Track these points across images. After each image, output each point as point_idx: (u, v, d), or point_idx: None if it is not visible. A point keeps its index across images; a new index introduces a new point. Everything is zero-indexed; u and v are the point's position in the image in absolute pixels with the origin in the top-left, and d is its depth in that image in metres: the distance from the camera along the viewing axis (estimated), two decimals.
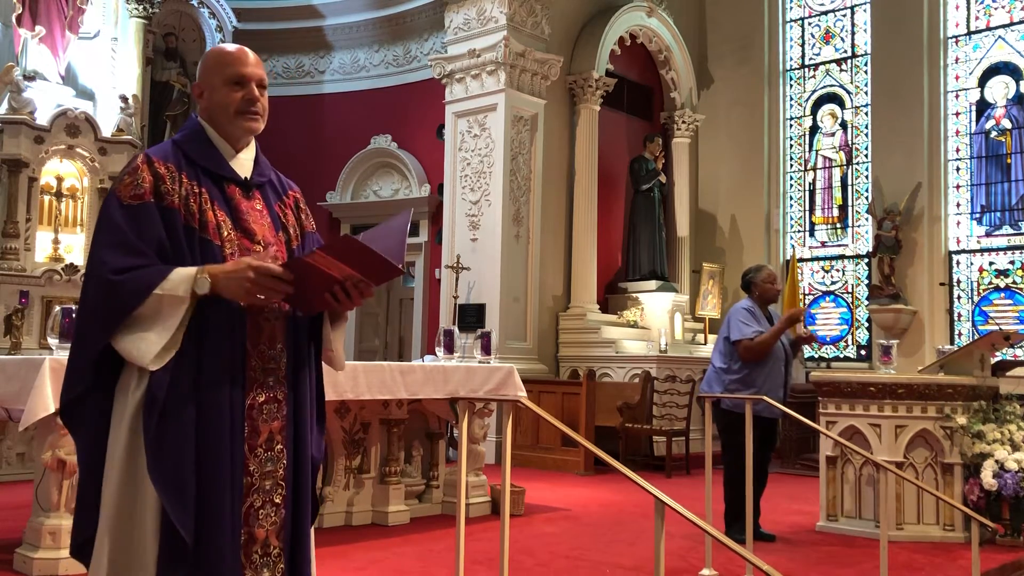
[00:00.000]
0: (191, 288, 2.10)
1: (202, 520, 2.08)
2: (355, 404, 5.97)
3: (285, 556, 2.26)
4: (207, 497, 2.09)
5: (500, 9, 10.54)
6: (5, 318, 8.49)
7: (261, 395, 2.22)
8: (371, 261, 2.12)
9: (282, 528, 2.25)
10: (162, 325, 2.10)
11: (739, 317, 5.89)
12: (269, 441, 2.23)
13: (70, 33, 9.73)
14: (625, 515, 6.72)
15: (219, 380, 2.15)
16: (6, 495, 6.58)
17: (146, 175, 2.20)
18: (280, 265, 2.14)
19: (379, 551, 5.28)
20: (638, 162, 11.75)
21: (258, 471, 2.20)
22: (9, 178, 9.03)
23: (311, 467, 2.34)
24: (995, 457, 5.82)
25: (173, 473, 2.06)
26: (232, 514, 2.14)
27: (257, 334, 2.23)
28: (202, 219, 2.21)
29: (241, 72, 2.29)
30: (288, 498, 2.26)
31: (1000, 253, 11.12)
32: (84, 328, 2.18)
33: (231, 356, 2.17)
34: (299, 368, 2.32)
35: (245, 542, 2.17)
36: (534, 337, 10.70)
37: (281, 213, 2.38)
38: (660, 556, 2.51)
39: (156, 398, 2.08)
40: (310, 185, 11.68)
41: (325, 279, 2.15)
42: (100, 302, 2.12)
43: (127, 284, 2.09)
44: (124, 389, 2.16)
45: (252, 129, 2.33)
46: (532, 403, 3.23)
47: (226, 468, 2.13)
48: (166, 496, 2.05)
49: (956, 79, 11.52)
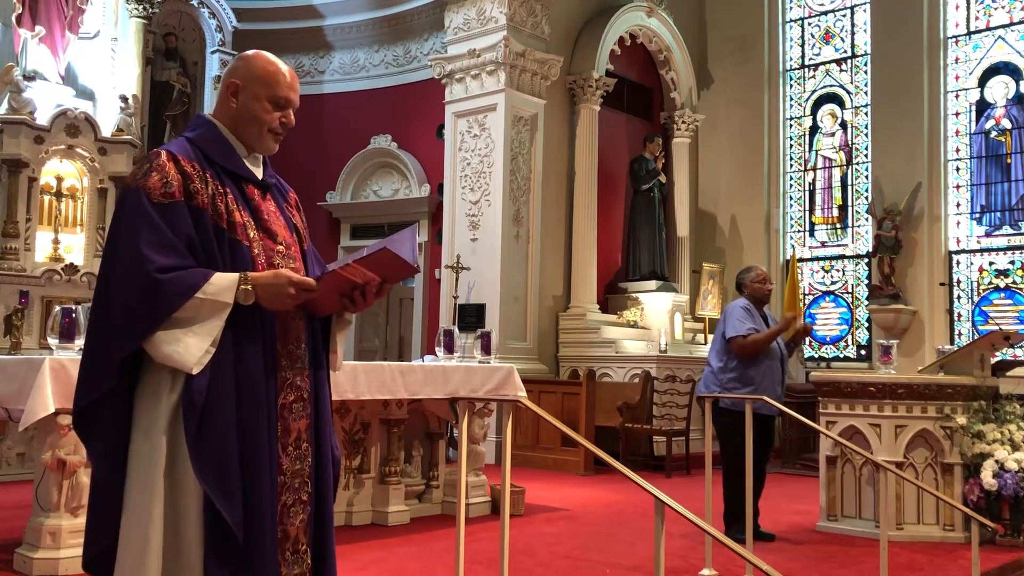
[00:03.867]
0: (235, 296, 2.11)
1: (246, 518, 2.09)
2: (355, 404, 5.97)
3: (311, 553, 2.27)
4: (250, 496, 2.10)
5: (500, 9, 10.54)
6: (5, 318, 8.49)
7: (291, 394, 2.25)
8: (395, 266, 2.21)
9: (308, 525, 2.27)
10: (200, 328, 2.08)
11: (735, 315, 5.94)
12: (297, 440, 2.25)
13: (70, 33, 9.73)
14: (625, 515, 6.72)
15: (255, 381, 2.16)
16: (6, 495, 6.58)
17: (173, 173, 2.17)
18: (316, 279, 2.20)
19: (379, 551, 5.28)
20: (638, 162, 11.74)
21: (289, 469, 2.22)
22: (9, 178, 9.03)
23: (333, 464, 2.36)
24: (995, 457, 5.82)
25: (220, 472, 2.06)
26: (271, 513, 2.15)
27: (285, 334, 2.25)
28: (230, 219, 2.21)
29: (289, 97, 2.34)
30: (312, 495, 2.28)
31: (1000, 253, 11.12)
32: (115, 326, 2.09)
33: (264, 358, 2.19)
34: (318, 366, 2.35)
35: (279, 540, 2.19)
36: (534, 337, 10.70)
37: (289, 214, 2.41)
38: (660, 556, 2.51)
39: (195, 403, 2.06)
40: (310, 185, 11.70)
41: (347, 285, 2.22)
42: (140, 301, 2.06)
43: (171, 284, 2.06)
44: (154, 394, 2.12)
45: (273, 149, 2.37)
46: (532, 403, 3.23)
47: (265, 467, 2.14)
48: (215, 493, 2.04)
49: (956, 79, 11.52)
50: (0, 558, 4.65)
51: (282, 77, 2.33)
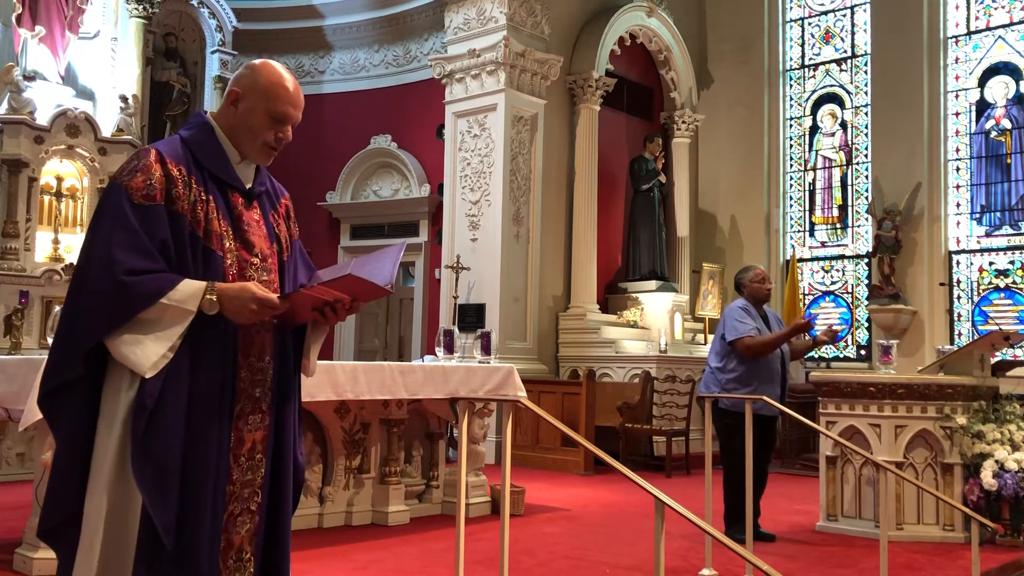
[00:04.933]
0: (199, 304, 2.12)
1: (183, 525, 2.10)
2: (355, 404, 5.97)
3: (256, 561, 2.29)
4: (190, 503, 2.11)
5: (500, 9, 10.54)
6: (5, 318, 8.48)
7: (248, 406, 2.25)
8: (364, 288, 2.23)
9: (255, 535, 2.28)
10: (162, 333, 2.10)
11: (734, 316, 5.94)
12: (251, 451, 2.26)
13: (70, 33, 9.73)
14: (625, 515, 6.72)
15: (209, 391, 2.17)
16: (6, 495, 6.58)
17: (159, 175, 2.18)
18: (279, 297, 2.20)
19: (379, 551, 5.28)
20: (638, 162, 11.75)
21: (239, 480, 2.23)
22: (9, 178, 9.03)
23: (297, 472, 2.38)
24: (995, 457, 5.82)
25: (157, 475, 2.07)
26: (214, 522, 2.16)
27: (248, 347, 2.26)
28: (207, 228, 2.22)
29: (288, 113, 2.34)
30: (263, 505, 2.29)
31: (1000, 253, 11.12)
32: (82, 320, 2.13)
33: (223, 368, 2.20)
34: (284, 378, 2.35)
35: (223, 548, 2.21)
36: (534, 337, 10.70)
37: (275, 223, 2.40)
38: (660, 556, 2.51)
39: (145, 405, 2.08)
40: (310, 185, 11.71)
41: (317, 302, 2.25)
42: (106, 300, 2.10)
43: (137, 287, 2.09)
44: (115, 388, 2.15)
45: (266, 163, 2.38)
46: (532, 403, 3.23)
47: (210, 477, 2.15)
48: (148, 496, 2.06)
49: (956, 79, 11.52)
50: (0, 558, 4.65)
51: (284, 92, 2.33)
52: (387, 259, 2.28)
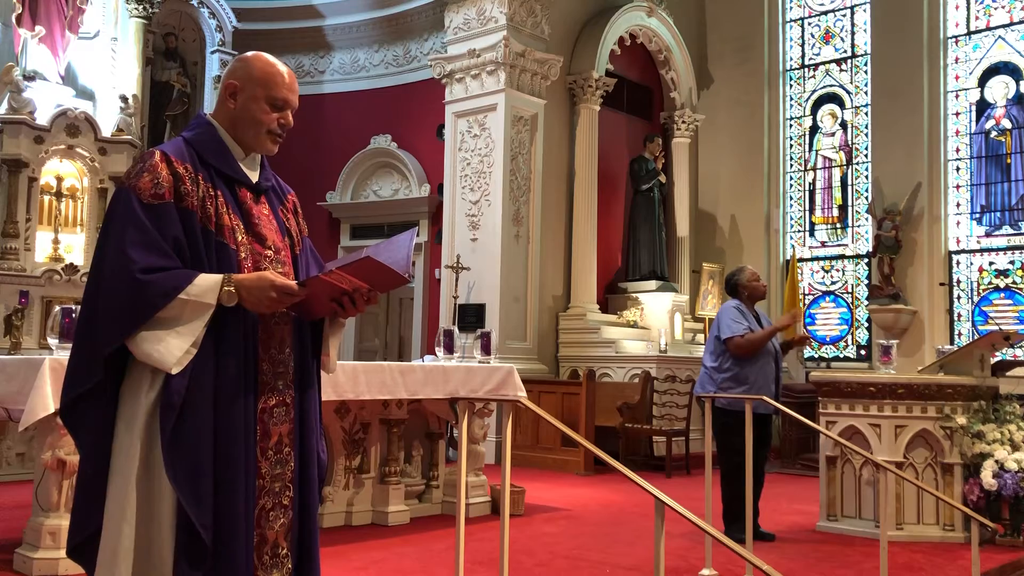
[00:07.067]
0: (218, 297, 2.12)
1: (218, 522, 2.09)
2: (355, 404, 5.97)
3: (292, 557, 2.28)
4: (223, 500, 2.11)
5: (500, 9, 10.54)
6: (5, 318, 8.49)
7: (272, 399, 2.25)
8: (382, 274, 2.20)
9: (289, 530, 2.27)
10: (183, 328, 2.10)
11: (729, 316, 5.97)
12: (278, 444, 2.26)
13: (70, 33, 9.73)
14: (625, 515, 6.72)
15: (234, 385, 2.16)
16: (6, 495, 6.58)
17: (165, 174, 2.19)
18: (298, 283, 2.19)
19: (379, 551, 5.28)
20: (638, 162, 11.75)
21: (269, 474, 2.23)
22: (9, 178, 9.03)
23: (318, 468, 2.37)
24: (995, 457, 5.82)
25: (191, 474, 2.07)
26: (246, 516, 2.16)
27: (268, 339, 2.26)
28: (218, 222, 2.22)
29: (287, 98, 2.35)
30: (295, 500, 2.28)
31: (1000, 253, 11.12)
32: (100, 324, 2.12)
33: (245, 361, 2.20)
34: (305, 371, 2.34)
35: (257, 544, 2.20)
36: (534, 337, 10.70)
37: (284, 218, 2.41)
38: (660, 556, 2.51)
39: (173, 404, 2.07)
40: (310, 185, 11.70)
41: (335, 291, 2.21)
42: (123, 300, 2.09)
43: (155, 284, 2.08)
44: (135, 391, 2.14)
45: (272, 151, 2.37)
46: (532, 403, 3.23)
47: (240, 471, 2.14)
48: (184, 495, 2.05)
49: (956, 79, 11.52)
50: (0, 558, 4.65)
51: (280, 78, 2.34)
52: (400, 246, 2.26)
